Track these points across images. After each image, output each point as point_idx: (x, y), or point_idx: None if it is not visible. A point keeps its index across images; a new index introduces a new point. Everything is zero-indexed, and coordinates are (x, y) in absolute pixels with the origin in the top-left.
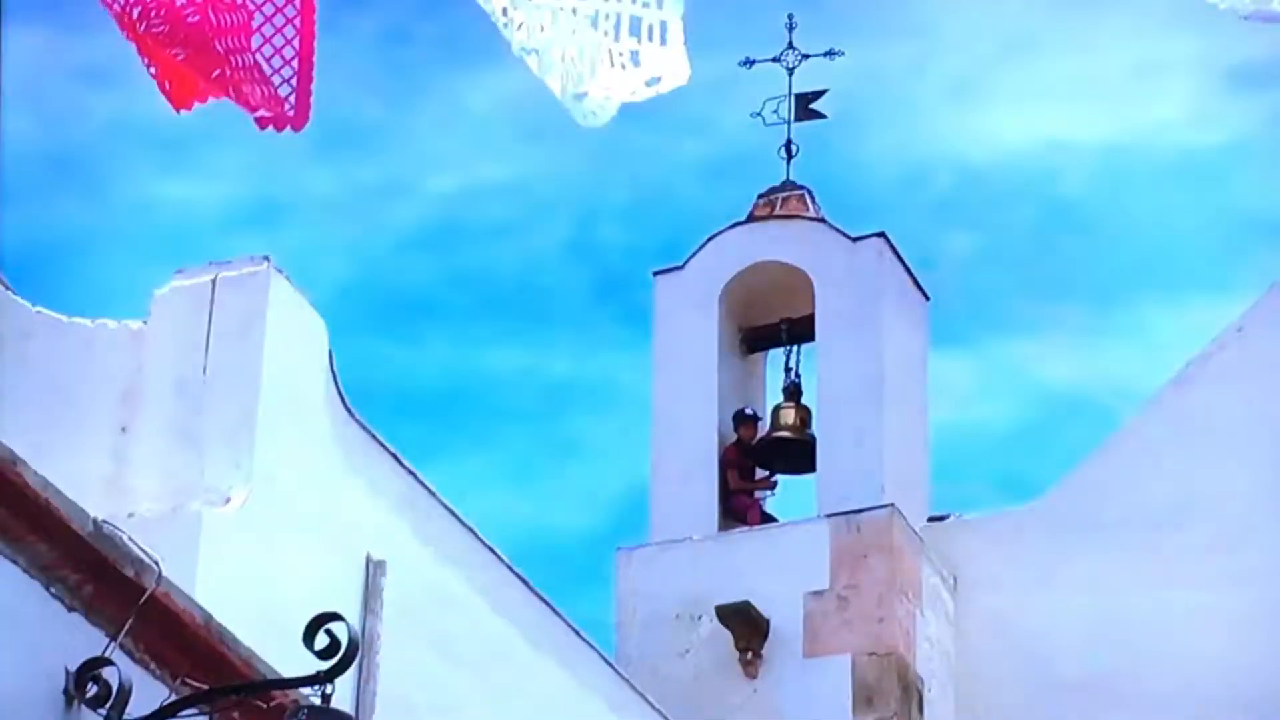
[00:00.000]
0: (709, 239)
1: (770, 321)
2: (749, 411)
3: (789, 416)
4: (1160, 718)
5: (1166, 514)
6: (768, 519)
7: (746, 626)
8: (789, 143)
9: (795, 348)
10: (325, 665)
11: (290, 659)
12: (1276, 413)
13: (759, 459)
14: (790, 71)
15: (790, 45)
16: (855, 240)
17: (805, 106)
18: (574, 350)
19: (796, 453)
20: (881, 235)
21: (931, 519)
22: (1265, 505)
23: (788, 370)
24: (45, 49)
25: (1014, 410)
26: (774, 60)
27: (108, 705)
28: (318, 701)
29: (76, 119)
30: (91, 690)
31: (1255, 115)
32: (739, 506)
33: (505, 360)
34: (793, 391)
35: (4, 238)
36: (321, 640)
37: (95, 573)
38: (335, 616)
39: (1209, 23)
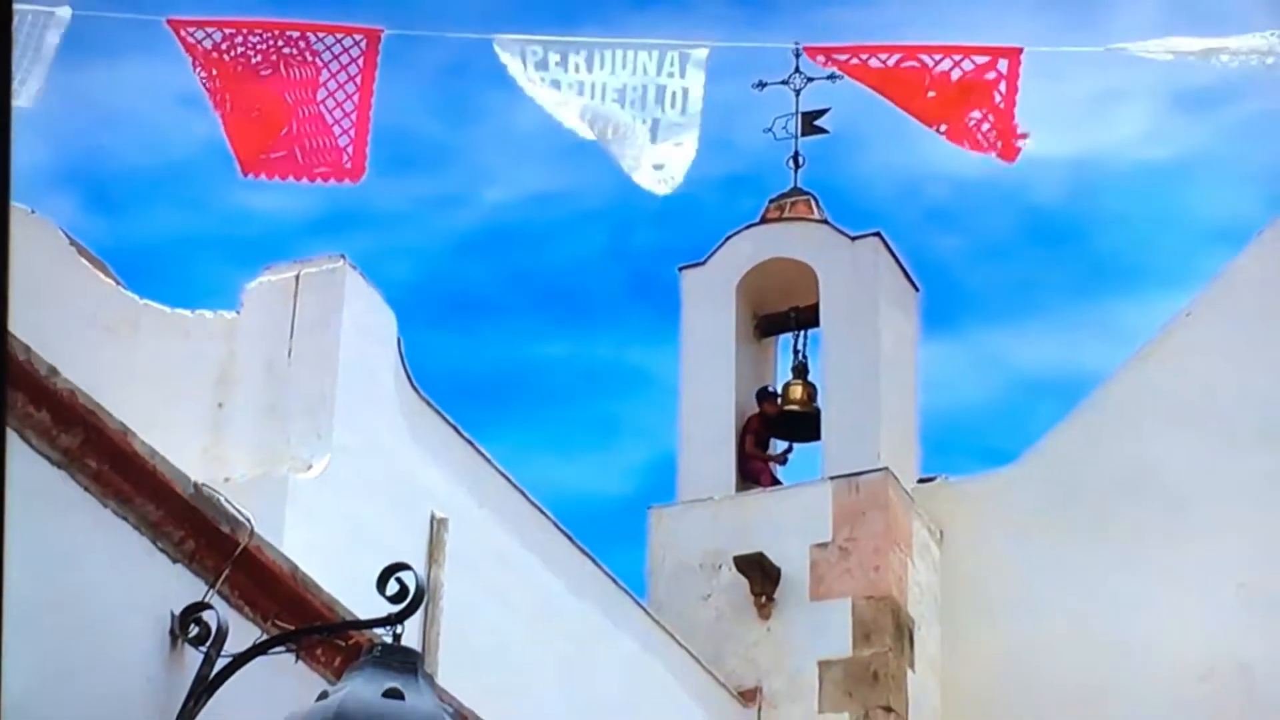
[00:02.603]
0: (727, 238)
1: (781, 310)
2: (771, 390)
3: (797, 392)
4: (1120, 652)
5: (1125, 477)
6: (777, 482)
7: (761, 574)
8: (796, 154)
9: (802, 332)
10: (396, 609)
11: (365, 603)
12: (1220, 387)
13: (773, 430)
14: (797, 93)
15: (797, 70)
16: (855, 239)
17: (810, 123)
18: (612, 339)
19: (804, 423)
20: (878, 235)
21: (921, 481)
22: (1211, 469)
23: (796, 352)
24: (150, 80)
25: (993, 390)
26: (783, 83)
27: (207, 644)
28: (389, 640)
29: (179, 139)
30: (193, 631)
31: (1202, 133)
32: (754, 470)
33: (552, 349)
34: (800, 370)
35: (116, 240)
36: (392, 587)
37: (196, 529)
38: (404, 566)
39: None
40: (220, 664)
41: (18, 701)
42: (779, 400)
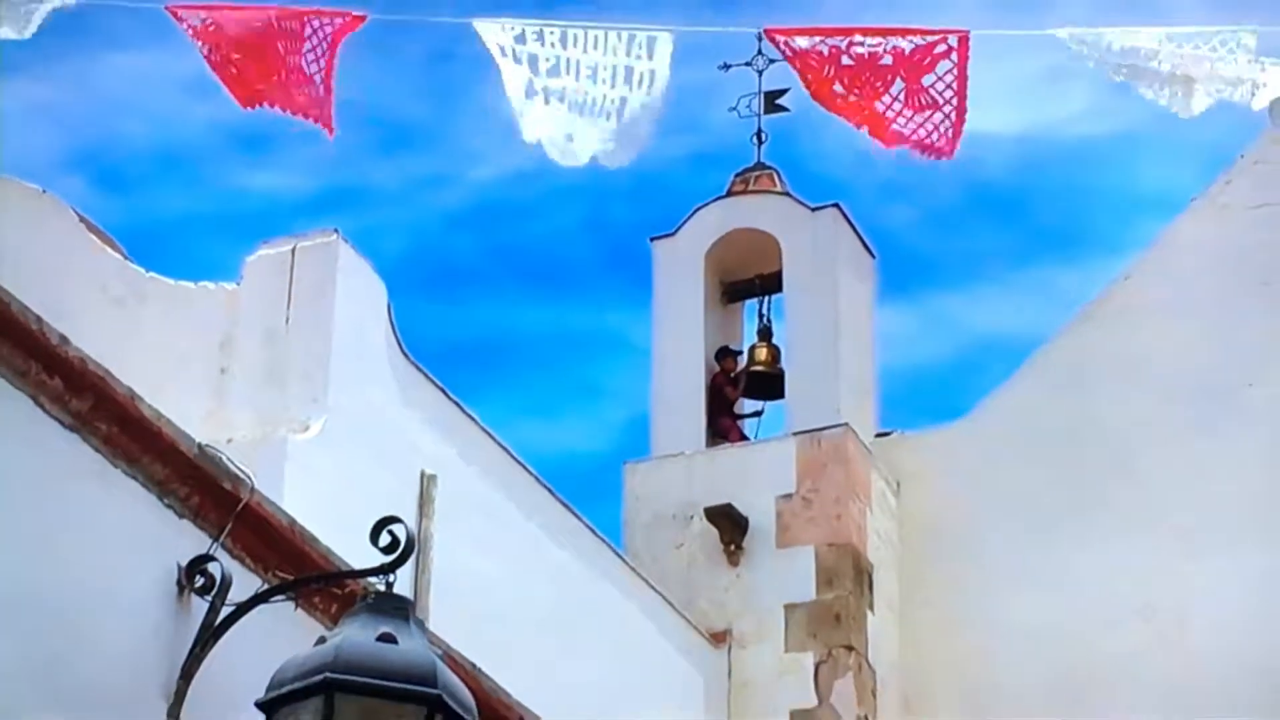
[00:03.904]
0: (695, 211)
1: (746, 277)
2: (732, 348)
3: (762, 354)
4: (1066, 592)
5: (1068, 430)
6: (745, 437)
7: (730, 524)
8: (759, 132)
9: (767, 298)
10: (388, 559)
11: (359, 554)
12: (1156, 345)
13: (738, 388)
14: (760, 73)
15: (759, 52)
16: (815, 210)
17: (772, 102)
18: (590, 307)
19: (769, 383)
20: (837, 206)
21: (879, 435)
22: (1148, 422)
23: (760, 316)
24: (154, 68)
25: (945, 350)
26: (746, 64)
27: (212, 593)
28: (382, 588)
29: (182, 123)
30: (199, 581)
31: (1140, 111)
32: (723, 427)
33: (533, 317)
34: (765, 333)
35: (124, 220)
36: (384, 539)
37: (200, 486)
38: (395, 519)
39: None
40: (224, 612)
41: (37, 646)
42: (738, 358)
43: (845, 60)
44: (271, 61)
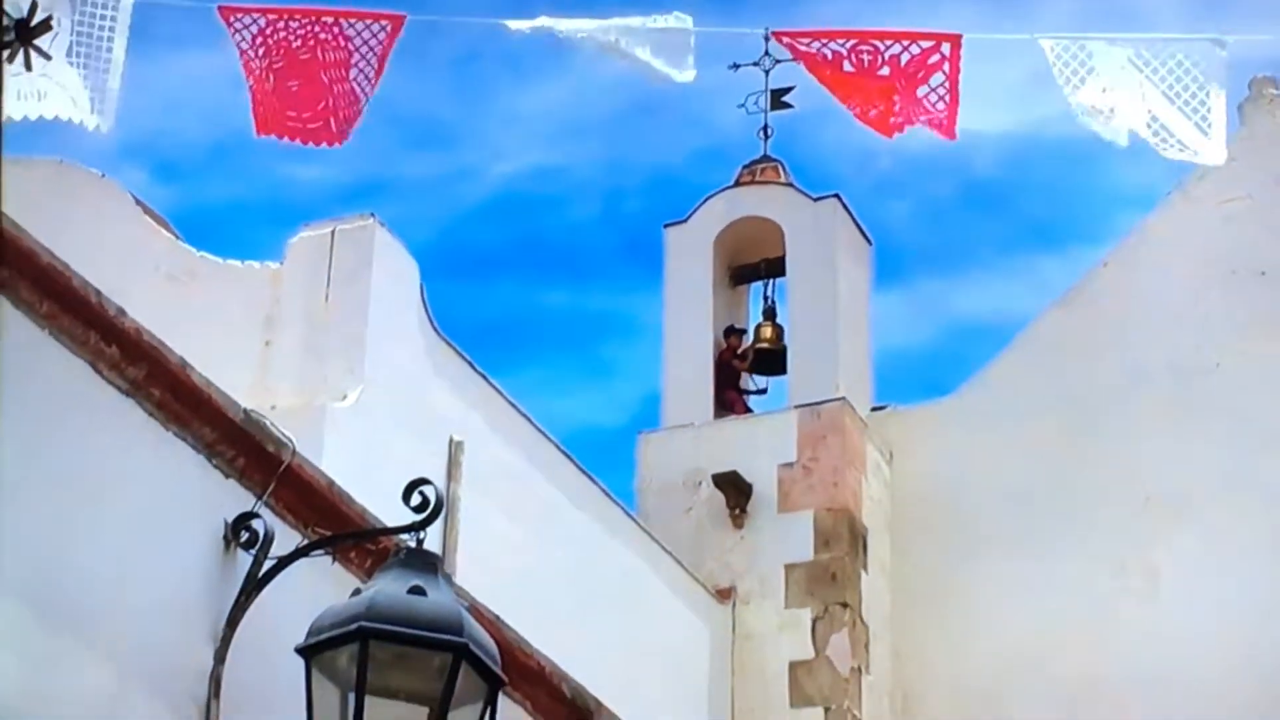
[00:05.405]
0: (705, 199)
1: (752, 261)
2: (737, 327)
3: (767, 332)
4: (1042, 552)
5: (1048, 405)
6: (749, 410)
7: (735, 490)
8: (765, 127)
9: (771, 281)
10: (419, 518)
11: (392, 513)
12: (1131, 327)
13: (745, 363)
14: (767, 72)
15: (766, 52)
16: (816, 200)
17: (778, 99)
18: (606, 291)
19: (772, 359)
20: (837, 196)
21: (874, 409)
22: (1123, 397)
23: (765, 298)
24: (207, 67)
25: (935, 332)
26: (754, 64)
27: (256, 548)
28: (413, 545)
29: (230, 119)
30: (244, 537)
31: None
32: (729, 400)
33: (554, 300)
34: (769, 313)
35: (178, 206)
36: (415, 499)
37: (246, 449)
38: (425, 481)
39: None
40: (267, 565)
41: (93, 595)
42: (743, 336)
43: (846, 66)
44: (313, 89)
